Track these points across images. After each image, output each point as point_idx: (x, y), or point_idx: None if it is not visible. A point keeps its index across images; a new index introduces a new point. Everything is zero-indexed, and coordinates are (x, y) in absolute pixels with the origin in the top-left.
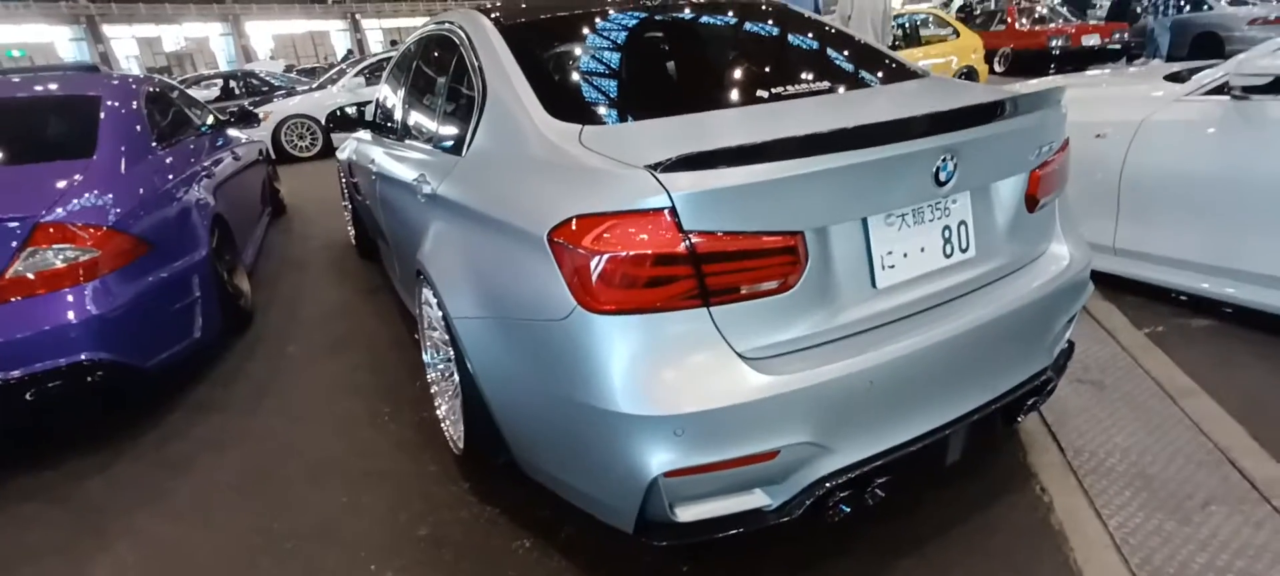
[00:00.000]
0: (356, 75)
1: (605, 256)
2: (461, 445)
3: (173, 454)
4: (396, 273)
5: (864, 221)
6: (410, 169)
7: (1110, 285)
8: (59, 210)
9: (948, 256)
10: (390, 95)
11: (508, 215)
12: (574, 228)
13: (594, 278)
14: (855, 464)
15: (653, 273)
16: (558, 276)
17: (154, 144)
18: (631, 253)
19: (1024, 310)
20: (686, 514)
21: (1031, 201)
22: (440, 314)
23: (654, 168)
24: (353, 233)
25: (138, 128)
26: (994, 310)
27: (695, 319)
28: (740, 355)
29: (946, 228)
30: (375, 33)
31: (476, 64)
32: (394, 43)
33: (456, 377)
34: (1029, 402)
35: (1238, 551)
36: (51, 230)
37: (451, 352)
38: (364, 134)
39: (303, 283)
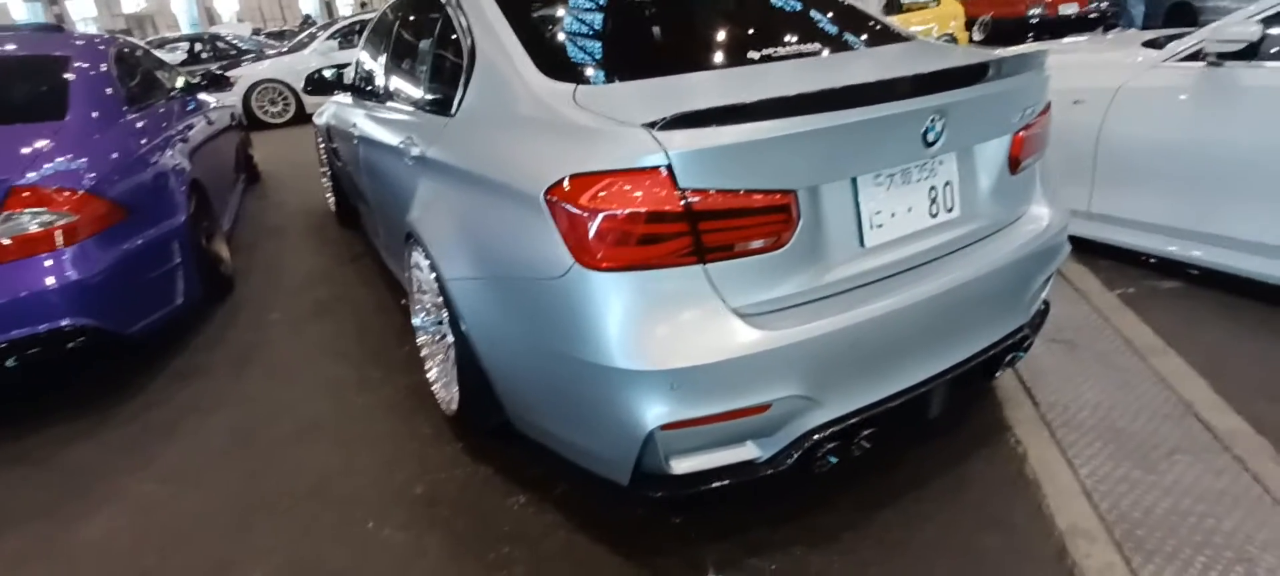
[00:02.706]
0: (330, 38)
1: (602, 214)
2: (454, 407)
3: (158, 418)
4: (381, 237)
5: (854, 181)
6: (396, 132)
7: (1084, 249)
8: (32, 174)
9: (933, 216)
10: (372, 57)
11: (502, 175)
12: (571, 186)
13: (591, 235)
14: (842, 416)
15: (650, 230)
16: (554, 235)
17: (126, 106)
18: (628, 210)
19: (1005, 270)
20: (681, 466)
21: (1014, 163)
22: (433, 276)
23: (651, 126)
24: (332, 200)
25: (109, 89)
26: (976, 269)
27: (691, 276)
28: (734, 311)
29: (933, 188)
30: None
31: (465, 23)
32: (364, 4)
33: (449, 339)
34: (1007, 359)
35: (1199, 497)
36: (26, 194)
37: (444, 314)
38: (344, 98)
39: (282, 250)
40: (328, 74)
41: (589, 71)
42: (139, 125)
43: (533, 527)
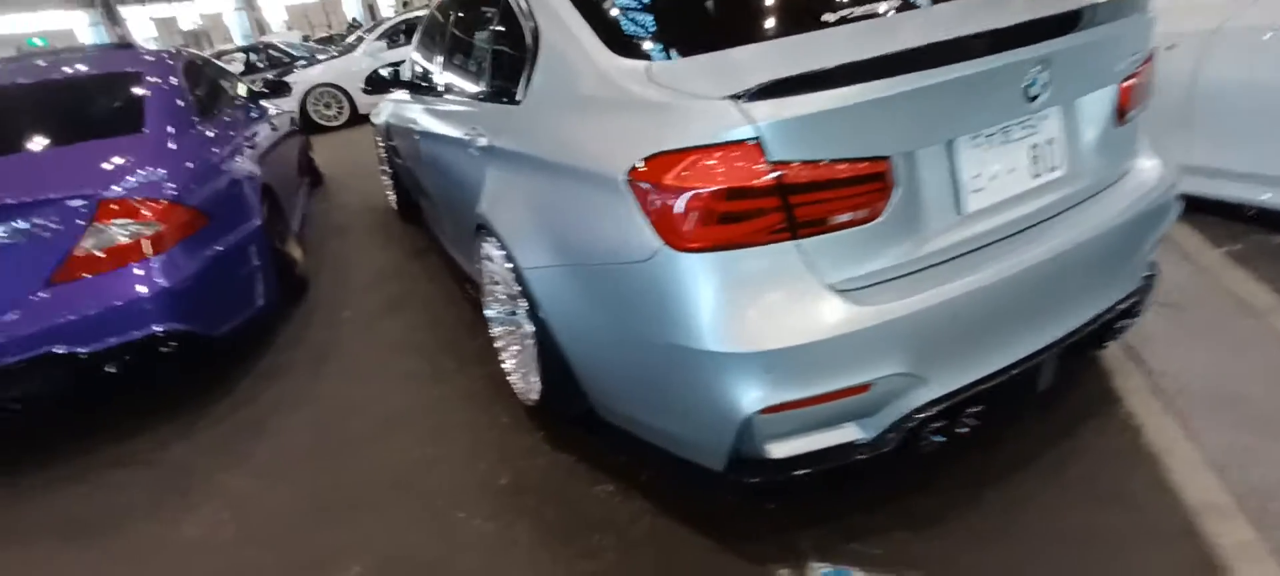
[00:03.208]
0: (378, 38)
1: (690, 193)
2: (534, 396)
3: (246, 417)
4: (447, 231)
5: (950, 143)
6: (460, 124)
7: (1184, 205)
8: (118, 187)
9: (1036, 177)
10: (429, 52)
11: (578, 160)
12: (656, 166)
13: (679, 216)
14: (948, 394)
15: (740, 207)
16: (639, 218)
17: (197, 117)
18: (717, 187)
19: (1114, 231)
20: (778, 450)
21: (1121, 114)
22: (508, 266)
23: (736, 98)
24: (393, 197)
25: (181, 101)
26: (1084, 232)
27: (783, 252)
28: (830, 287)
29: (1035, 146)
30: None
31: (525, 7)
32: (406, 3)
33: (528, 328)
34: (1119, 326)
35: None
36: (115, 206)
37: (521, 304)
38: (402, 95)
39: (349, 248)
40: (385, 73)
41: (660, 46)
42: (211, 134)
43: (620, 515)
